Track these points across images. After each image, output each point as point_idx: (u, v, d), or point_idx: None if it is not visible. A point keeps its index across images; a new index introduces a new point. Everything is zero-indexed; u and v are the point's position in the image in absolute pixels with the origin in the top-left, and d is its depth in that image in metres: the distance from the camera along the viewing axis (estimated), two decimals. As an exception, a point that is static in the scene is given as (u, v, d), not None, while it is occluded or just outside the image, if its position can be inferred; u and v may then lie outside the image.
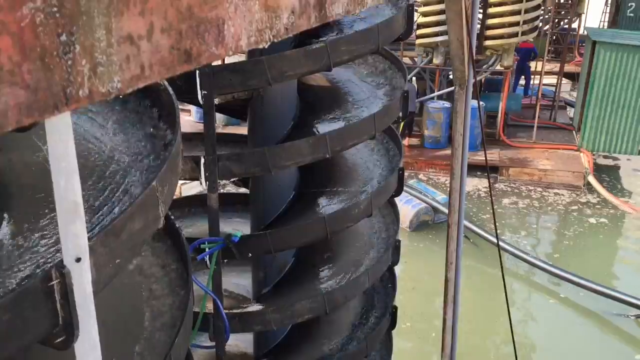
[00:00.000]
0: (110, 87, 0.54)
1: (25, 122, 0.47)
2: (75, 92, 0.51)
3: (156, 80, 0.58)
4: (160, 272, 1.56)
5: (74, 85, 0.51)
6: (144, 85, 0.57)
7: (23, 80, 0.46)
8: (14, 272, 1.06)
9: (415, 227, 10.54)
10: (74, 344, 1.04)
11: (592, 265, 9.39)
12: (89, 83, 0.52)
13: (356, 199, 2.82)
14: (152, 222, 1.22)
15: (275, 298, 2.90)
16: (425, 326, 7.52)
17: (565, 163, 12.55)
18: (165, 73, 0.59)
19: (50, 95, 0.49)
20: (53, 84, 0.49)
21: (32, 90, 0.47)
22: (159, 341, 1.36)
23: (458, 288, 3.08)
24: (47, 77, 0.48)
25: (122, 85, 0.55)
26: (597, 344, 7.57)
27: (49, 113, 0.50)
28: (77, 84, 0.51)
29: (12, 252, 1.13)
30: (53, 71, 0.49)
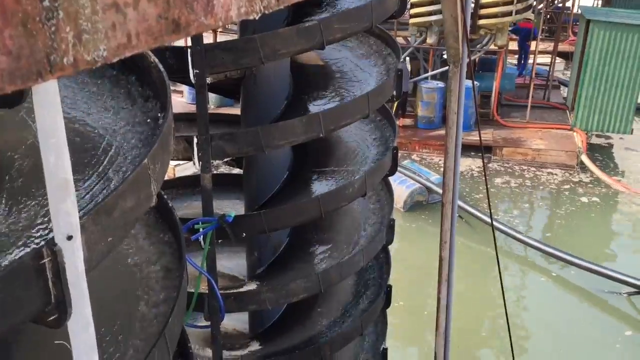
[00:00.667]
0: (95, 56, 0.53)
1: (7, 89, 0.46)
2: (60, 59, 0.50)
3: (143, 49, 0.57)
4: (153, 251, 1.56)
5: (58, 52, 0.49)
6: (130, 54, 0.56)
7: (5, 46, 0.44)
8: (4, 252, 1.05)
9: (409, 208, 10.56)
10: (67, 323, 1.03)
11: (585, 243, 9.46)
12: (74, 51, 0.50)
13: (350, 179, 2.81)
14: (145, 200, 1.21)
15: (269, 278, 2.91)
16: (418, 305, 7.58)
17: (559, 142, 12.57)
18: (152, 42, 0.57)
19: (34, 62, 0.47)
20: (36, 51, 0.47)
21: (14, 57, 0.45)
22: (153, 320, 1.36)
23: (452, 267, 3.09)
24: (30, 43, 0.46)
25: (108, 53, 0.53)
26: (588, 320, 7.66)
27: (33, 80, 0.49)
28: (61, 51, 0.49)
29: (2, 232, 1.12)
30: (36, 37, 0.47)
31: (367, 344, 3.29)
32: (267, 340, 3.05)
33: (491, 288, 8.33)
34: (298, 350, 2.83)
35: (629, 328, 7.45)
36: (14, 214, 1.13)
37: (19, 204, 1.15)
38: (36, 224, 1.10)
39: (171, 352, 1.32)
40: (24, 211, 1.13)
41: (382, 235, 3.01)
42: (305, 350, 2.80)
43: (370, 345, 3.28)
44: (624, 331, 7.39)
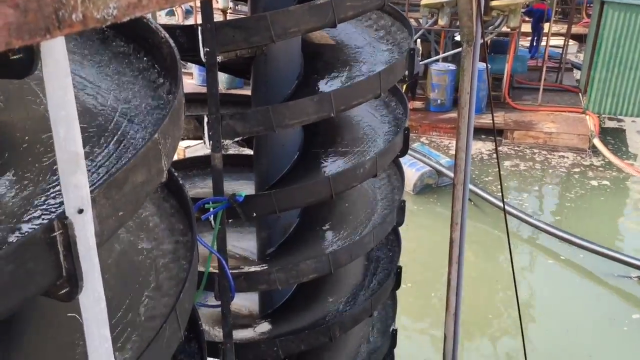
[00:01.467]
0: (105, 14, 0.51)
1: (14, 43, 0.44)
2: (68, 15, 0.48)
3: (154, 9, 0.55)
4: (164, 229, 1.55)
5: (67, 8, 0.48)
6: (141, 14, 0.54)
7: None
8: (15, 225, 1.05)
9: (419, 191, 10.53)
10: (79, 296, 1.03)
11: (594, 227, 9.42)
12: (83, 7, 0.49)
13: (361, 159, 2.79)
14: (156, 175, 1.20)
15: (279, 258, 2.91)
16: (426, 287, 7.60)
17: (571, 126, 12.44)
18: (164, 3, 0.55)
19: (42, 17, 0.46)
20: (44, 5, 0.46)
21: (21, 11, 0.44)
22: (164, 296, 1.36)
23: (462, 248, 3.08)
24: (38, -4, 0.45)
25: (118, 12, 0.52)
26: (597, 303, 7.66)
27: (40, 36, 0.47)
28: (70, 7, 0.48)
29: (13, 206, 1.11)
30: (44, -9, 0.46)
31: (376, 325, 3.30)
32: (277, 320, 3.06)
33: (500, 270, 8.33)
34: (307, 330, 2.83)
35: (637, 311, 7.44)
36: (25, 188, 1.13)
37: (30, 178, 1.15)
38: (47, 197, 1.09)
39: (182, 327, 1.32)
40: (35, 185, 1.13)
41: (393, 217, 3.00)
42: (314, 330, 2.80)
43: (380, 326, 3.29)
44: (632, 314, 7.40)
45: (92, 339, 1.06)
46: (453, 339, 3.24)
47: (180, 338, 1.31)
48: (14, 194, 1.12)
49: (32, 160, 1.20)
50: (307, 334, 2.78)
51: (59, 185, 1.13)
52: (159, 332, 1.22)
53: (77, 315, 1.04)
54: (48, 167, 1.18)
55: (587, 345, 6.78)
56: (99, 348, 1.07)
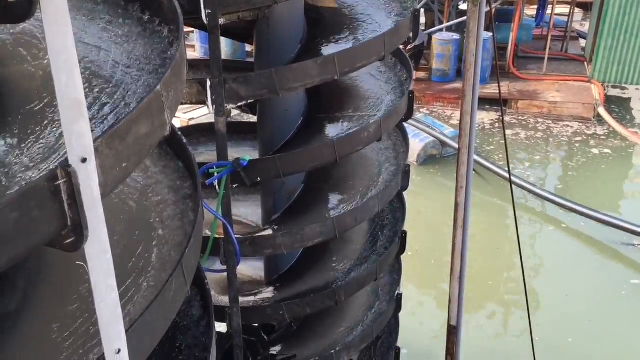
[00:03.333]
0: None
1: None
2: None
3: None
4: (168, 186, 1.55)
5: None
6: None
7: None
8: (18, 176, 1.04)
9: (423, 161, 10.52)
10: (84, 246, 1.03)
11: (596, 195, 9.44)
12: None
13: (365, 123, 2.77)
14: (159, 128, 1.19)
15: (284, 223, 2.91)
16: (427, 254, 7.68)
17: (576, 95, 12.34)
18: None
19: None
20: None
21: None
22: (170, 252, 1.36)
23: (468, 213, 3.07)
24: None
25: None
26: (597, 269, 7.75)
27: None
28: None
29: (16, 159, 1.10)
30: None
31: (381, 289, 3.31)
32: (282, 285, 3.07)
33: (501, 238, 8.39)
34: (313, 294, 2.84)
35: (636, 277, 7.52)
36: (28, 138, 1.12)
37: (33, 129, 1.14)
38: (51, 148, 1.08)
39: (188, 282, 1.32)
40: (38, 136, 1.12)
41: (397, 181, 2.99)
42: (320, 294, 2.81)
43: (385, 290, 3.30)
44: (631, 279, 7.48)
45: (99, 289, 1.06)
46: (458, 302, 3.26)
47: (187, 293, 1.31)
48: (17, 145, 1.11)
49: (35, 115, 1.18)
50: (312, 298, 2.79)
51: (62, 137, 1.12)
52: (165, 286, 1.22)
53: (84, 265, 1.04)
54: (50, 122, 1.17)
55: (587, 310, 6.86)
56: (106, 298, 1.07)
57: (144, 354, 1.18)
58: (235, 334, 2.74)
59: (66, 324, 1.19)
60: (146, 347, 1.19)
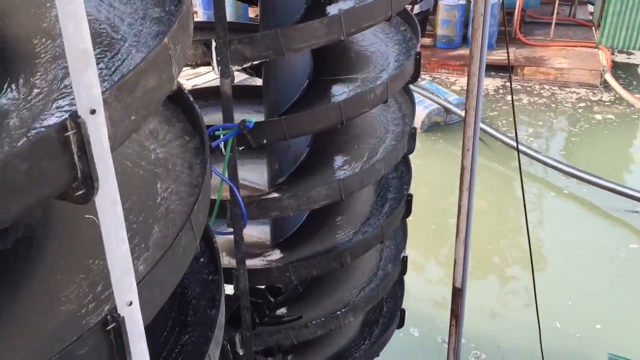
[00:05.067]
0: None
1: None
2: None
3: None
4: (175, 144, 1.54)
5: None
6: None
7: None
8: (28, 128, 1.04)
9: (427, 128, 10.48)
10: (95, 198, 1.03)
11: (599, 161, 9.43)
12: None
13: (371, 85, 2.75)
14: (167, 81, 1.18)
15: (291, 186, 2.91)
16: (428, 219, 7.74)
17: (583, 61, 12.20)
18: None
19: None
20: None
21: None
22: (179, 207, 1.36)
23: (474, 175, 3.06)
24: None
25: None
26: (597, 233, 7.83)
27: None
28: None
29: (25, 111, 1.10)
30: None
31: (387, 252, 3.33)
32: (289, 248, 3.09)
33: (502, 204, 8.43)
34: (319, 256, 2.86)
35: (635, 241, 7.59)
36: (36, 90, 1.11)
37: (41, 81, 1.13)
38: (59, 100, 1.08)
39: (197, 238, 1.32)
40: (47, 88, 1.11)
41: (404, 144, 2.98)
42: (326, 256, 2.83)
43: (391, 253, 3.32)
44: (630, 243, 7.56)
45: (109, 241, 1.06)
46: (463, 264, 3.28)
47: (196, 249, 1.32)
48: (25, 100, 1.11)
49: (42, 66, 1.18)
50: (318, 260, 2.81)
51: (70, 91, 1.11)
52: (174, 241, 1.23)
53: (95, 218, 1.04)
54: (58, 74, 1.16)
55: (586, 273, 6.96)
56: (117, 251, 1.07)
57: (155, 307, 1.20)
58: (242, 295, 2.77)
59: (77, 278, 1.20)
60: (157, 301, 1.20)
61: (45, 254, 1.27)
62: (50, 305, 1.17)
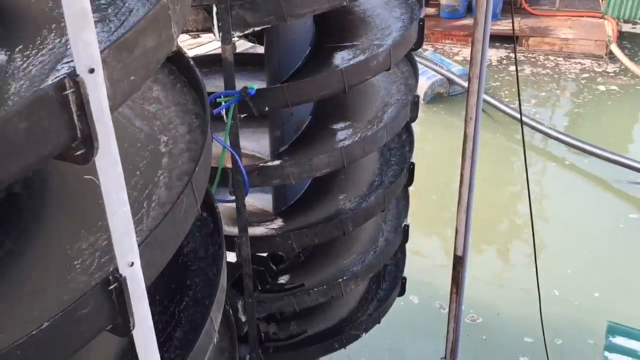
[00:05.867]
0: None
1: None
2: None
3: None
4: (176, 107, 1.53)
5: None
6: None
7: None
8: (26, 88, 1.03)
9: (429, 100, 10.42)
10: (94, 159, 1.02)
11: (602, 132, 9.40)
12: None
13: (374, 51, 2.72)
14: (166, 42, 1.17)
15: (293, 154, 2.90)
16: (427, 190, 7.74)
17: (588, 31, 12.06)
18: None
19: None
20: None
21: None
22: (180, 171, 1.36)
23: (477, 144, 3.05)
24: None
25: None
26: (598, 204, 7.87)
27: None
28: None
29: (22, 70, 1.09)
30: None
31: (389, 220, 3.34)
32: (291, 216, 3.10)
33: (505, 174, 8.43)
34: (321, 224, 2.87)
35: (634, 212, 7.64)
36: (35, 50, 1.10)
37: (38, 39, 1.11)
38: (58, 59, 1.07)
39: (199, 201, 1.32)
40: (44, 47, 1.10)
41: (406, 112, 2.96)
42: (328, 224, 2.83)
43: (392, 221, 3.33)
44: (629, 214, 7.60)
45: (110, 202, 1.06)
46: (464, 232, 3.28)
47: (198, 211, 1.32)
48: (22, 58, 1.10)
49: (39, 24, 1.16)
50: (320, 228, 2.81)
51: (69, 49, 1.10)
52: (176, 203, 1.22)
53: (95, 178, 1.04)
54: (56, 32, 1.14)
55: (585, 243, 7.00)
56: (118, 211, 1.07)
57: (157, 268, 1.20)
58: (245, 262, 2.78)
59: (78, 239, 1.20)
60: (159, 262, 1.21)
61: (46, 216, 1.27)
62: (51, 266, 1.17)
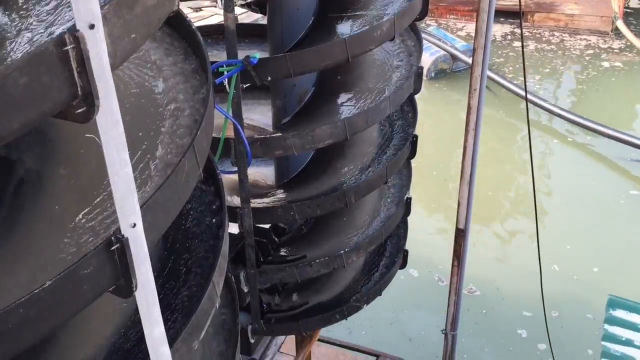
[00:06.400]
0: None
1: None
2: None
3: None
4: (177, 71, 1.52)
5: None
6: None
7: None
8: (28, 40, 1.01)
9: (433, 76, 10.36)
10: (96, 117, 1.01)
11: (605, 109, 9.37)
12: None
13: (378, 21, 2.68)
14: (167, 0, 1.15)
15: (295, 125, 2.88)
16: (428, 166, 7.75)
17: (594, 7, 11.93)
18: None
19: None
20: None
21: None
22: (182, 135, 1.35)
23: (480, 115, 3.02)
24: None
25: None
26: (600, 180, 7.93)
27: None
28: None
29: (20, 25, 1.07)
30: None
31: (391, 192, 3.33)
32: (293, 188, 3.09)
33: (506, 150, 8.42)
34: (323, 196, 2.86)
35: (635, 189, 7.68)
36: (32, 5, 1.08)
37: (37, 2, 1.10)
38: (58, 14, 1.05)
39: (200, 165, 1.31)
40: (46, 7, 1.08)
41: (410, 83, 2.93)
42: (330, 196, 2.83)
43: (395, 194, 3.32)
44: (630, 190, 7.66)
45: (112, 162, 1.05)
46: (467, 206, 3.28)
47: (199, 175, 1.31)
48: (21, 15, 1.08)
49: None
50: (322, 199, 2.81)
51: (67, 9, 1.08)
52: (177, 166, 1.22)
53: (96, 138, 1.03)
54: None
55: (585, 217, 7.07)
56: (120, 172, 1.06)
57: (158, 230, 1.20)
58: (247, 233, 2.78)
59: (81, 201, 1.20)
60: (160, 225, 1.20)
61: (50, 180, 1.26)
62: (55, 227, 1.17)
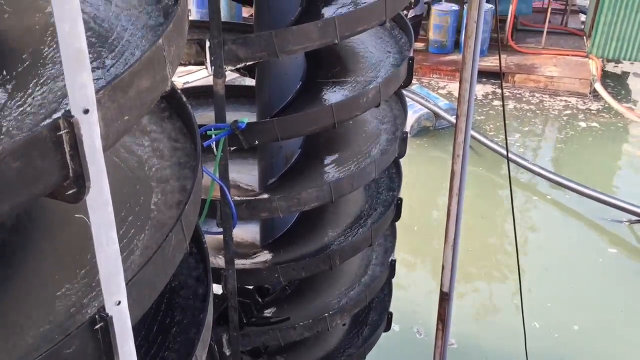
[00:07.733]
0: None
1: None
2: None
3: None
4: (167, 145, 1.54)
5: None
6: None
7: None
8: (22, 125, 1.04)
9: (416, 133, 10.51)
10: (86, 198, 1.03)
11: (583, 169, 9.56)
12: None
13: (364, 88, 2.76)
14: (160, 82, 1.18)
15: (281, 187, 2.91)
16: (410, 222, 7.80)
17: (573, 70, 12.30)
18: None
19: None
20: None
21: None
22: (169, 208, 1.36)
23: (464, 180, 3.08)
24: None
25: None
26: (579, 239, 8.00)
27: None
28: None
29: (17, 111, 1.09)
30: None
31: (376, 255, 3.34)
32: (278, 249, 3.09)
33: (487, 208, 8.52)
34: (307, 258, 2.86)
35: (614, 247, 7.82)
36: (29, 89, 1.11)
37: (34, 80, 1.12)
38: (52, 99, 1.08)
39: (187, 239, 1.32)
40: (40, 87, 1.11)
41: (395, 148, 2.99)
42: (314, 258, 2.83)
43: (379, 256, 3.33)
44: (609, 248, 7.77)
45: (99, 241, 1.06)
46: (451, 269, 3.29)
47: (186, 249, 1.32)
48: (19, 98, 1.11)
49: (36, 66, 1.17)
50: (307, 262, 2.81)
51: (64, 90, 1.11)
52: (164, 241, 1.23)
53: (85, 217, 1.04)
54: (52, 74, 1.16)
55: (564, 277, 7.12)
56: (107, 250, 1.07)
57: (143, 307, 1.20)
58: (231, 295, 2.76)
59: (66, 277, 1.20)
60: (145, 301, 1.20)
61: (34, 253, 1.26)
62: (38, 304, 1.16)
